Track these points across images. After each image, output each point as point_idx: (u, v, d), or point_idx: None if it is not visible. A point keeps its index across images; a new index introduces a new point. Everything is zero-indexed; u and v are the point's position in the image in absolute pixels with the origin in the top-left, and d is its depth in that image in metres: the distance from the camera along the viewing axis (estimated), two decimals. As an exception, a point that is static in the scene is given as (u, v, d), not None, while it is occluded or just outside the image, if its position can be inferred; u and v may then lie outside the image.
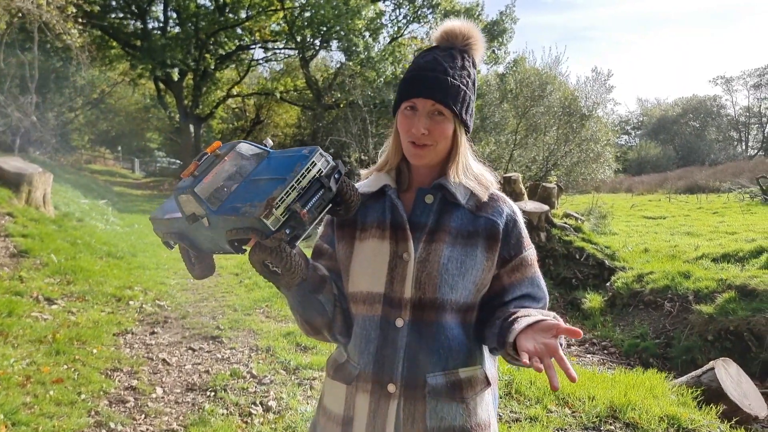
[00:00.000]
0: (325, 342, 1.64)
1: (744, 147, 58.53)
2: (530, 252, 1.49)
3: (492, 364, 1.51)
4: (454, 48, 1.47)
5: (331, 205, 1.30)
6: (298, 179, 1.19)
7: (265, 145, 1.37)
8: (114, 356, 4.91)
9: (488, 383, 1.46)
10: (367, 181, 1.56)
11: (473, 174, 1.49)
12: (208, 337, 5.67)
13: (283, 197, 1.16)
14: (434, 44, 1.51)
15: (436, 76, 1.41)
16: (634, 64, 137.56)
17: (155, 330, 5.83)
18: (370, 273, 1.44)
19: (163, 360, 5.00)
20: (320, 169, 1.24)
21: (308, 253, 1.46)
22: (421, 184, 1.50)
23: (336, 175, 1.27)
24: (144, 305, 6.60)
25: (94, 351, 4.92)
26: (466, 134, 1.48)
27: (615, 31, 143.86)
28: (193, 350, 5.30)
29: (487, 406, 1.47)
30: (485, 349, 1.49)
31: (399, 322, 1.40)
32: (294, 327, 5.83)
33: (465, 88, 1.43)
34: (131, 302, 6.61)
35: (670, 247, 9.68)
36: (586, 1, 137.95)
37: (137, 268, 8.40)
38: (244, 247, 1.26)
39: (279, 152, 1.34)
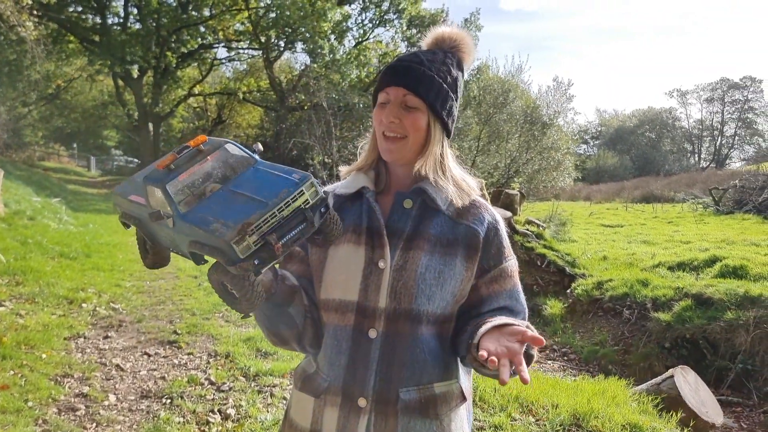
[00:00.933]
0: (292, 351, 1.56)
1: (697, 159, 60.51)
2: (511, 263, 1.43)
3: (466, 377, 1.46)
4: (440, 49, 1.43)
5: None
6: (281, 207, 1.08)
7: (254, 151, 1.25)
8: (64, 361, 4.71)
9: (464, 398, 1.40)
10: (345, 182, 1.49)
11: (452, 177, 1.43)
12: (164, 342, 5.50)
13: (260, 224, 1.05)
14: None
15: (409, 65, 1.36)
16: (592, 75, 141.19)
17: (109, 334, 5.62)
18: (343, 280, 1.37)
19: (117, 365, 4.82)
20: (307, 200, 1.13)
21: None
22: (401, 187, 1.44)
23: (322, 209, 1.17)
24: (98, 308, 6.37)
25: (44, 356, 4.71)
26: (446, 135, 1.42)
27: (573, 42, 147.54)
28: (149, 355, 5.13)
29: (462, 421, 1.41)
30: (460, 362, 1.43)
31: (372, 333, 1.33)
32: (255, 332, 5.70)
33: (442, 82, 1.37)
34: (84, 305, 6.38)
35: (627, 255, 9.85)
36: (545, 13, 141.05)
37: (91, 269, 8.13)
38: (205, 259, 1.15)
39: (267, 165, 1.22)
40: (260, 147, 1.28)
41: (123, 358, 5.02)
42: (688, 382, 4.59)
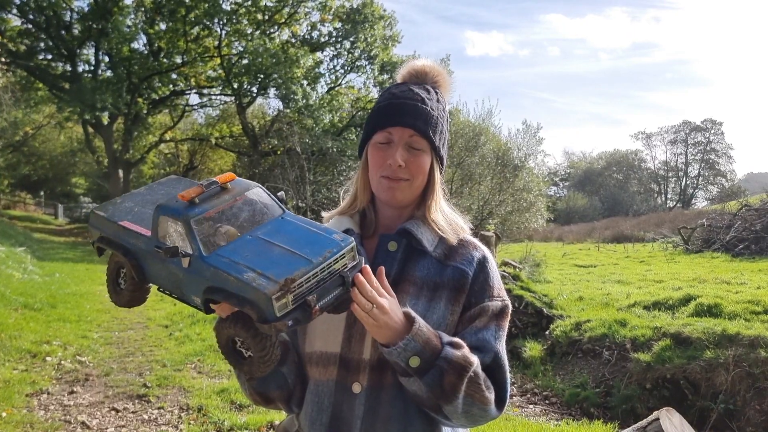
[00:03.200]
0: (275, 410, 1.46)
1: (663, 199, 61.97)
2: (495, 303, 1.31)
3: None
4: (425, 83, 1.38)
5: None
6: (324, 268, 1.00)
7: (280, 200, 1.16)
8: (26, 420, 4.47)
9: None
10: (328, 225, 1.42)
11: (445, 216, 1.37)
12: (133, 396, 5.26)
13: (302, 282, 0.96)
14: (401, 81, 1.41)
15: (415, 104, 1.30)
16: (558, 120, 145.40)
17: (74, 389, 5.37)
18: (325, 330, 1.28)
19: (83, 423, 4.58)
20: (346, 264, 1.05)
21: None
22: (387, 230, 1.36)
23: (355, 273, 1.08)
24: (63, 361, 6.11)
25: (3, 414, 4.47)
26: (440, 173, 1.37)
27: (537, 89, 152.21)
28: (117, 411, 4.89)
29: None
30: None
31: (356, 388, 1.24)
32: (229, 383, 5.50)
33: (442, 121, 1.33)
34: (48, 358, 6.12)
35: (603, 295, 9.87)
36: (509, 61, 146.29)
37: (57, 320, 7.85)
38: (213, 307, 1.03)
39: (296, 218, 1.13)
40: (284, 196, 1.19)
41: (89, 414, 4.77)
42: (674, 425, 4.51)
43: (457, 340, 1.21)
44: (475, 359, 1.20)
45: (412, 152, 1.29)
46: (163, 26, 29.01)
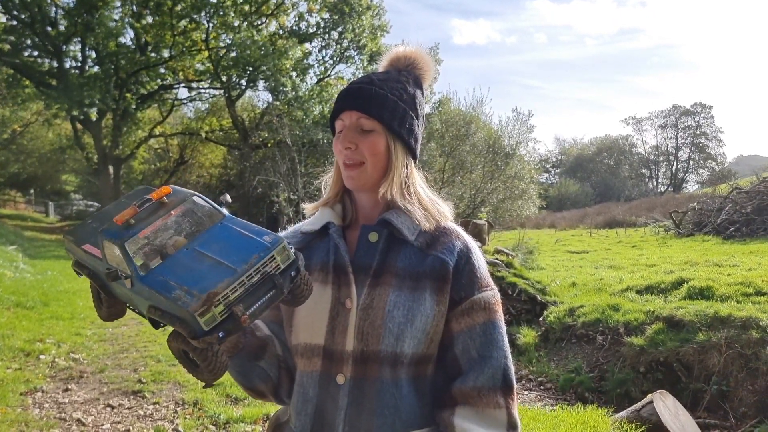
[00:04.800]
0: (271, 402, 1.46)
1: (655, 183, 62.21)
2: (486, 294, 1.28)
3: None
4: (394, 68, 1.38)
5: None
6: (251, 275, 0.99)
7: (222, 203, 1.16)
8: (20, 418, 4.45)
9: None
10: (311, 219, 1.41)
11: (419, 200, 1.34)
12: (128, 392, 5.25)
13: (227, 294, 0.96)
14: None
15: (360, 87, 1.30)
16: (547, 107, 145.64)
17: (69, 386, 5.35)
18: (309, 323, 1.27)
19: (78, 420, 4.56)
20: (278, 265, 1.04)
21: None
22: (367, 219, 1.35)
23: (293, 272, 1.07)
24: (56, 359, 6.08)
25: (-2, 414, 4.44)
26: (411, 155, 1.35)
27: (525, 77, 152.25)
28: (112, 407, 4.88)
29: None
30: None
31: (340, 379, 1.23)
32: (224, 377, 5.48)
33: (397, 100, 1.30)
34: (42, 356, 6.09)
35: (596, 281, 9.92)
36: (496, 49, 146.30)
37: (49, 318, 7.81)
38: (162, 324, 1.04)
39: (236, 222, 1.12)
40: (228, 199, 1.18)
41: (84, 411, 4.76)
42: (668, 407, 4.56)
43: None
44: None
45: (362, 134, 1.28)
46: (149, 20, 28.76)
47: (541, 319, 8.15)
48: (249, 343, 1.23)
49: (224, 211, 1.14)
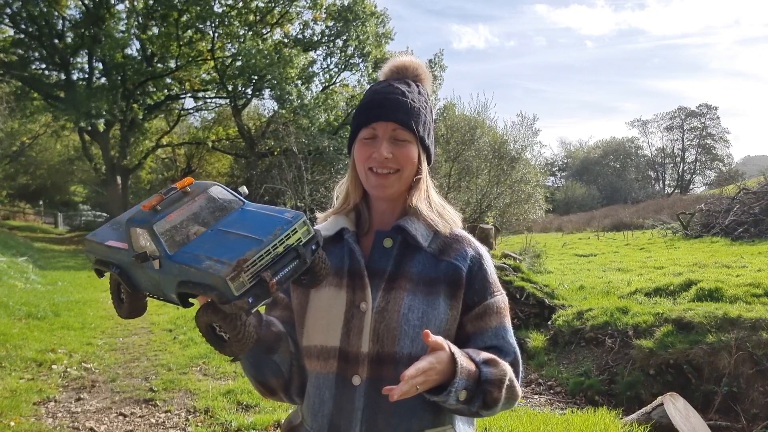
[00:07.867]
0: (280, 402, 1.49)
1: (661, 185, 62.00)
2: (498, 299, 1.37)
3: (467, 423, 1.39)
4: (406, 78, 1.41)
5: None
6: (275, 245, 1.06)
7: (240, 193, 1.23)
8: (34, 428, 4.49)
9: None
10: (324, 225, 1.44)
11: (436, 207, 1.39)
12: (140, 401, 5.29)
13: (255, 261, 1.02)
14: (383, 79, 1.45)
15: (396, 98, 1.33)
16: (551, 109, 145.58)
17: (81, 396, 5.39)
18: (324, 325, 1.31)
19: (91, 429, 4.60)
20: (300, 238, 1.11)
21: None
22: (382, 226, 1.39)
23: (313, 246, 1.14)
24: (68, 369, 6.13)
25: (12, 423, 4.49)
26: (428, 164, 1.40)
27: (526, 80, 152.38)
28: (124, 416, 4.92)
29: None
30: None
31: (356, 380, 1.27)
32: (234, 384, 5.53)
33: (425, 112, 1.36)
34: (54, 366, 6.14)
35: (604, 284, 9.90)
36: (496, 53, 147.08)
37: (61, 328, 7.86)
38: (191, 301, 1.11)
39: (256, 206, 1.20)
40: (245, 190, 1.25)
41: (97, 420, 4.80)
42: (678, 409, 4.55)
43: (488, 356, 1.27)
44: (506, 368, 1.27)
45: (397, 144, 1.32)
46: (155, 31, 28.97)
47: (549, 322, 8.14)
48: (265, 336, 1.26)
49: (243, 198, 1.22)
